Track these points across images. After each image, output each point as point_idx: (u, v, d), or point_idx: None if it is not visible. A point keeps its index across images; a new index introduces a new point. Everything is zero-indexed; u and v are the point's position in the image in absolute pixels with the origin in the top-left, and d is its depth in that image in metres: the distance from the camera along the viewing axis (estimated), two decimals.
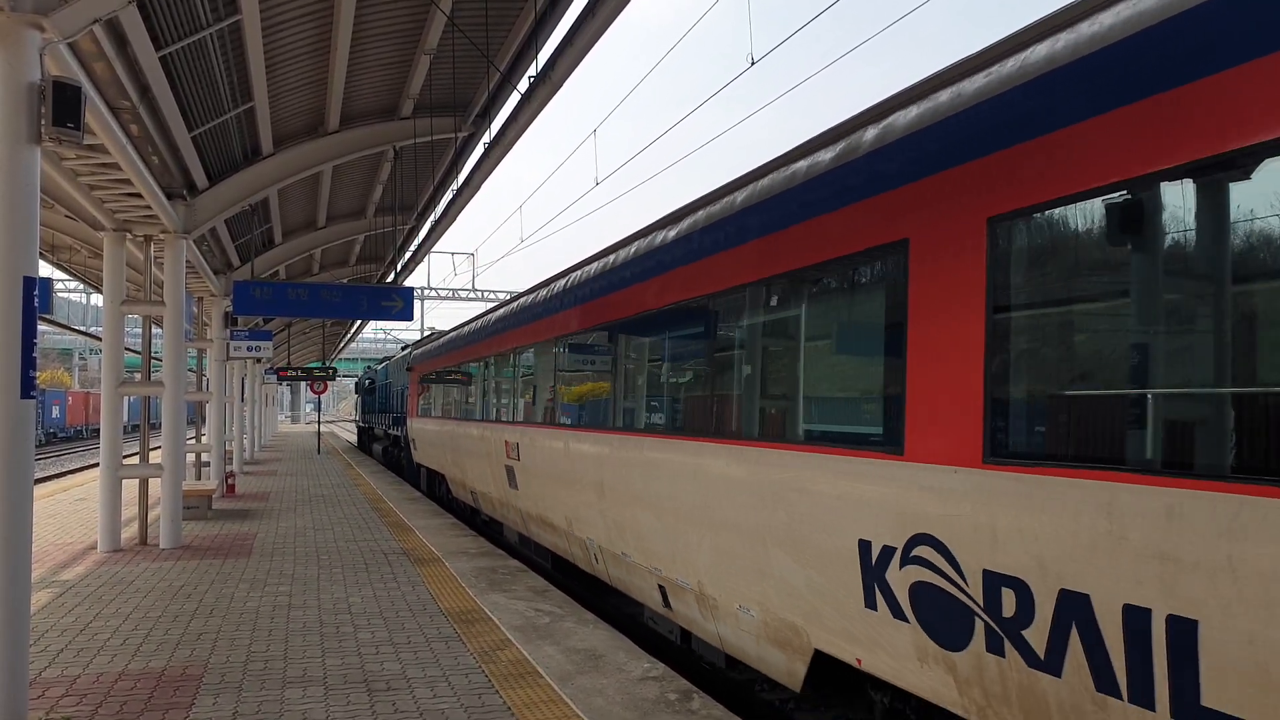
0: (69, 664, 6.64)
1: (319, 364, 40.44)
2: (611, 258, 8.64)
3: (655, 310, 7.25)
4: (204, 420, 21.97)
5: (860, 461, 4.61)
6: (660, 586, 7.25)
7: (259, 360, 29.47)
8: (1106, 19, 3.50)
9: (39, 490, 18.95)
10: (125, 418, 16.61)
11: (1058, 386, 3.63)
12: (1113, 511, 3.23)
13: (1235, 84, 2.88)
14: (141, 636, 7.41)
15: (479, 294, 57.19)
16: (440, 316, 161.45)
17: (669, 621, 7.60)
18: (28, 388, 5.22)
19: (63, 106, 5.40)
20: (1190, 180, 3.07)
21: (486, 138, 13.69)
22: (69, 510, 16.08)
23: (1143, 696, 3.16)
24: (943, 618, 4.08)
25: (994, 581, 3.76)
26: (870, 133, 4.88)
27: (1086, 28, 3.61)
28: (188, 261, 13.45)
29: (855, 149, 4.94)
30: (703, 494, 6.28)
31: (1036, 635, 3.58)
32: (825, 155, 5.25)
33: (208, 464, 20.47)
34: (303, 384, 51.93)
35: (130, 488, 14.13)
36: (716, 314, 6.29)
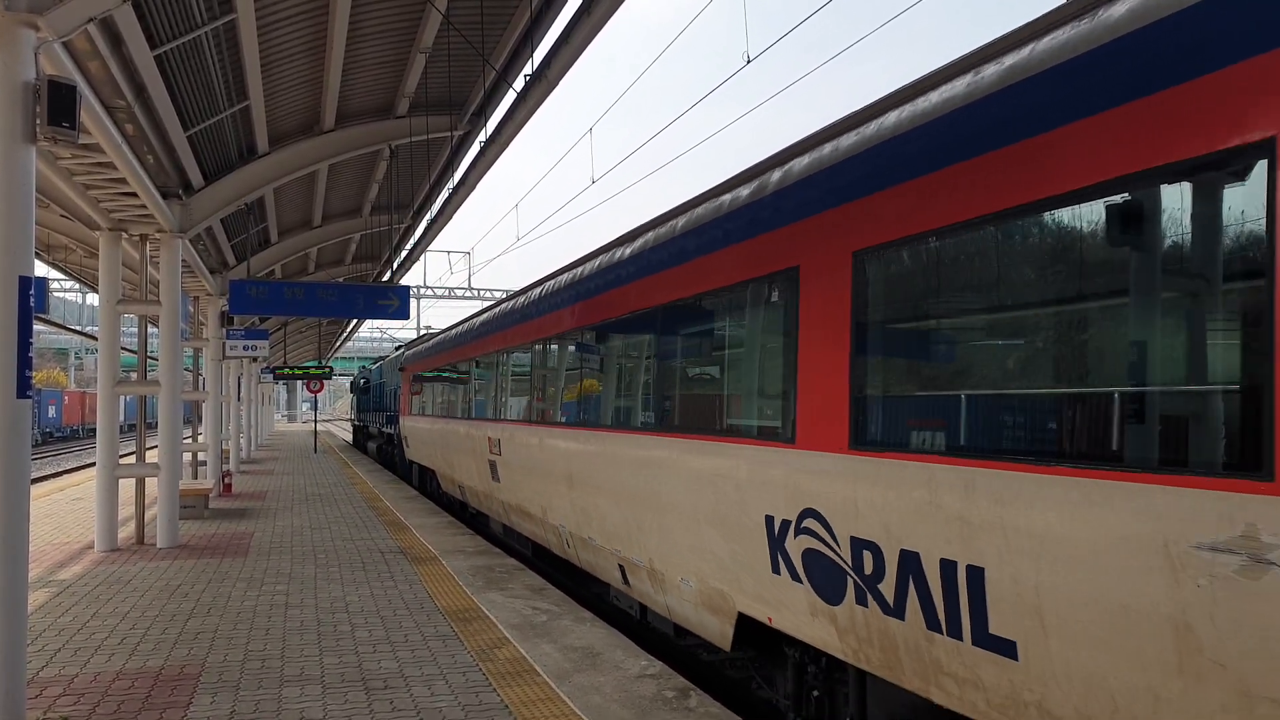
0: (66, 663, 6.64)
1: (315, 363, 40.37)
2: (579, 270, 9.56)
3: (613, 319, 8.20)
4: (200, 419, 21.96)
5: (765, 450, 5.49)
6: (620, 565, 8.10)
7: (255, 359, 29.44)
8: (934, 96, 4.48)
9: (36, 490, 18.92)
10: (121, 417, 16.58)
11: (896, 388, 4.60)
12: (931, 485, 4.10)
13: (986, 170, 3.96)
14: (139, 636, 7.41)
15: (475, 293, 57.10)
16: (437, 315, 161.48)
17: (628, 598, 8.52)
18: (24, 387, 5.22)
19: (58, 105, 5.40)
20: (971, 233, 4.10)
21: (482, 136, 13.69)
22: (66, 510, 16.07)
23: (955, 630, 4.03)
24: (825, 578, 4.96)
25: (858, 545, 4.64)
26: (775, 175, 5.80)
27: (921, 102, 4.54)
28: (184, 261, 13.43)
29: (764, 188, 5.86)
30: (651, 481, 7.10)
31: (887, 587, 4.46)
32: (744, 191, 6.16)
33: (204, 463, 20.46)
34: (299, 383, 51.91)
35: (127, 487, 14.13)
36: (660, 323, 7.24)
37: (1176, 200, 3.25)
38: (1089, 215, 3.56)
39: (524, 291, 11.99)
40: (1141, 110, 3.28)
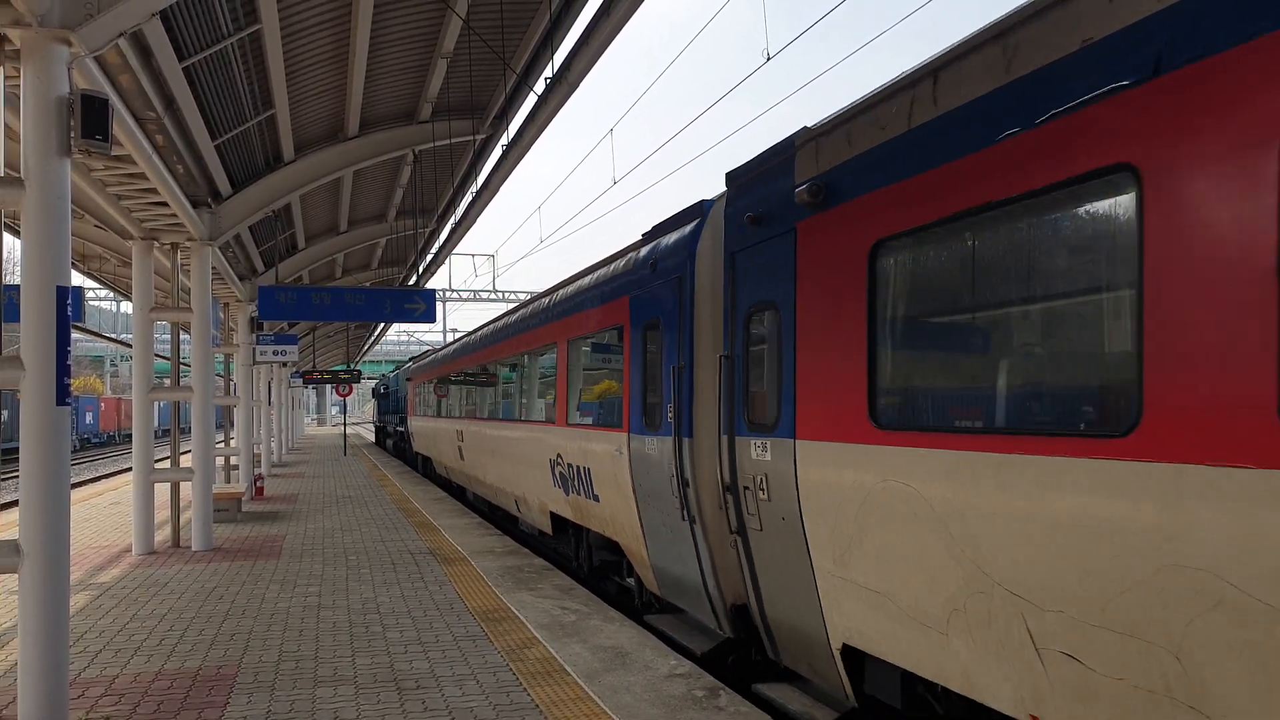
0: (107, 664, 6.79)
1: (344, 366, 40.68)
2: (492, 325, 15.99)
3: (500, 359, 14.33)
4: (232, 424, 22.25)
5: (551, 427, 10.79)
6: (515, 501, 13.51)
7: (285, 364, 29.72)
8: (587, 277, 10.00)
9: (75, 494, 19.26)
10: (156, 422, 16.82)
11: (579, 395, 9.77)
12: (580, 439, 9.47)
13: (584, 315, 9.80)
14: (176, 637, 7.55)
15: (500, 295, 57.34)
16: (463, 318, 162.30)
17: (524, 521, 14.16)
18: (63, 395, 5.33)
19: (91, 119, 5.49)
20: (592, 338, 9.73)
21: (504, 140, 13.77)
22: (104, 514, 16.35)
23: (590, 496, 9.28)
24: (563, 483, 10.22)
25: (570, 466, 9.83)
26: (555, 294, 11.19)
27: (586, 277, 10.02)
28: (213, 268, 13.63)
29: (550, 299, 11.29)
30: (521, 448, 12.47)
31: (577, 483, 9.61)
32: (545, 300, 11.66)
33: (237, 467, 20.73)
34: (328, 386, 52.30)
35: (162, 491, 14.36)
36: (521, 364, 13.01)
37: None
38: (607, 341, 8.89)
39: (473, 331, 18.70)
40: (618, 304, 8.36)
